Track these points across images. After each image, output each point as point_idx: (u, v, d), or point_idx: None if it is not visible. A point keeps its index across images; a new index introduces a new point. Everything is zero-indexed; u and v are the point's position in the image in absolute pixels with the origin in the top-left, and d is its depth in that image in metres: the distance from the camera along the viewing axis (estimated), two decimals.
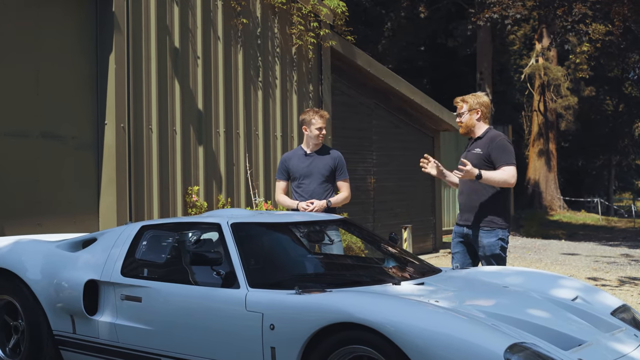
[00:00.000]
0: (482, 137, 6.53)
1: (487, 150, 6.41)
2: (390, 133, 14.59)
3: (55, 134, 8.85)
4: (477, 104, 6.56)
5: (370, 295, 4.54)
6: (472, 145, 6.59)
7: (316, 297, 4.54)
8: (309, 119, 7.36)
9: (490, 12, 20.23)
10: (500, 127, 27.21)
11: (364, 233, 6.34)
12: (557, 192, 33.08)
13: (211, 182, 10.37)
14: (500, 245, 6.43)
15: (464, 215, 6.56)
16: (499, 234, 6.42)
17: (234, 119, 10.75)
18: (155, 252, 5.59)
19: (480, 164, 6.38)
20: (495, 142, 6.41)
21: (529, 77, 33.23)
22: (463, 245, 6.62)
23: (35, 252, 5.95)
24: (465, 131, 6.63)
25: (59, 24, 8.93)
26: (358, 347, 4.31)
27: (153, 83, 9.61)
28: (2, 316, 6.03)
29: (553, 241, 20.17)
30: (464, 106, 6.59)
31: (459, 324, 4.18)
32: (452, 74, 31.31)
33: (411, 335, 4.09)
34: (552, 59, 32.43)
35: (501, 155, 6.36)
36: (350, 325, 4.30)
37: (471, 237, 6.51)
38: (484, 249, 6.42)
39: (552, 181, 32.92)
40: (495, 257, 6.42)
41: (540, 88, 32.66)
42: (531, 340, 4.25)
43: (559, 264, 14.39)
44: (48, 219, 8.70)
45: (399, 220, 14.42)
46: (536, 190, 32.73)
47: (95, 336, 5.48)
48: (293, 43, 11.71)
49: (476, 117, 6.56)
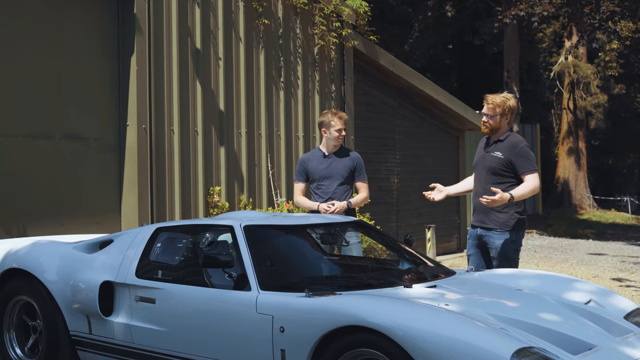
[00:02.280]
0: (503, 140, 6.52)
1: (509, 156, 6.41)
2: (414, 133, 14.56)
3: (78, 136, 8.95)
4: (508, 110, 6.56)
5: (379, 299, 4.55)
6: (492, 147, 6.56)
7: (325, 300, 4.56)
8: (328, 121, 7.36)
9: (517, 10, 20.11)
10: (528, 125, 27.11)
11: (378, 235, 6.35)
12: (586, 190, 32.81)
13: (233, 183, 10.43)
14: (513, 247, 6.42)
15: (478, 217, 6.56)
16: (511, 236, 6.41)
17: (255, 119, 10.80)
18: (169, 254, 5.65)
19: (499, 167, 6.42)
20: (517, 149, 6.42)
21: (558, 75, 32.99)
22: (477, 247, 6.62)
23: (53, 253, 6.02)
24: (490, 132, 6.61)
25: (81, 26, 9.02)
26: (366, 350, 4.33)
27: (174, 84, 9.67)
28: (20, 316, 6.12)
29: (581, 241, 20.02)
30: (497, 109, 6.54)
31: (467, 328, 4.19)
32: (480, 73, 31.16)
33: (418, 339, 4.10)
34: (582, 57, 32.17)
35: (525, 164, 6.37)
36: (359, 329, 4.32)
37: (484, 238, 6.50)
38: (497, 251, 6.42)
39: (581, 180, 32.65)
40: (508, 259, 6.41)
41: (569, 86, 32.40)
42: (540, 344, 4.25)
43: (584, 264, 14.29)
44: (71, 219, 8.80)
45: (422, 220, 14.39)
46: (565, 189, 32.48)
47: (110, 337, 5.55)
48: (315, 43, 11.73)
49: (506, 122, 6.57)
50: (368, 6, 12.62)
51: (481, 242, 6.57)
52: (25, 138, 8.46)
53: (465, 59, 31.42)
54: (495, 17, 22.02)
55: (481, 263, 6.64)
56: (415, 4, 25.35)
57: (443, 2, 23.85)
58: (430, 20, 24.01)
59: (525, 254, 16.02)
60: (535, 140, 27.37)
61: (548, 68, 34.86)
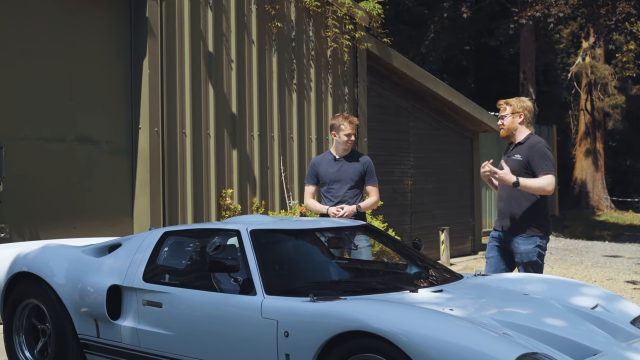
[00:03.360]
0: (523, 143, 6.47)
1: (527, 157, 6.37)
2: (429, 135, 14.54)
3: (90, 139, 9.00)
4: (520, 108, 6.51)
5: (383, 304, 4.55)
6: (513, 150, 6.53)
7: (330, 305, 4.56)
8: (338, 125, 7.35)
9: (532, 11, 20.04)
10: (544, 127, 26.96)
11: (386, 239, 6.34)
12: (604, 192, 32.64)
13: (245, 185, 10.45)
14: (538, 252, 6.38)
15: (502, 221, 6.52)
16: (536, 241, 6.37)
17: (268, 122, 10.82)
18: (176, 258, 5.66)
19: (520, 170, 6.35)
20: (535, 149, 6.36)
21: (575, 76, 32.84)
22: (498, 251, 6.58)
23: (61, 257, 6.05)
24: (507, 134, 6.56)
25: (93, 29, 9.07)
26: (371, 355, 4.33)
27: (187, 87, 9.71)
28: (30, 319, 6.15)
29: (597, 242, 19.91)
30: (507, 108, 6.52)
31: (469, 333, 4.18)
32: (497, 74, 31.05)
33: (421, 344, 4.09)
34: (600, 58, 32.00)
35: (541, 163, 6.31)
36: (363, 334, 4.32)
37: (508, 243, 6.47)
38: (521, 256, 6.38)
39: (599, 181, 32.48)
40: (533, 264, 6.37)
41: (587, 87, 32.23)
42: (544, 350, 4.23)
43: (599, 266, 14.22)
44: (83, 222, 8.86)
45: (437, 222, 14.37)
46: (583, 190, 32.32)
47: (118, 340, 5.57)
48: (328, 46, 11.74)
49: (519, 121, 6.50)
50: (381, 8, 12.62)
51: (504, 246, 6.53)
52: (38, 141, 8.52)
53: (481, 60, 31.33)
54: (511, 18, 21.94)
55: (500, 267, 6.58)
56: (431, 6, 25.30)
57: (459, 3, 23.80)
58: (446, 21, 23.96)
59: None
60: (552, 141, 27.24)
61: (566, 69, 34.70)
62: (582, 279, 12.26)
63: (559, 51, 35.09)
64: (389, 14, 24.58)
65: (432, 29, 24.21)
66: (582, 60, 31.33)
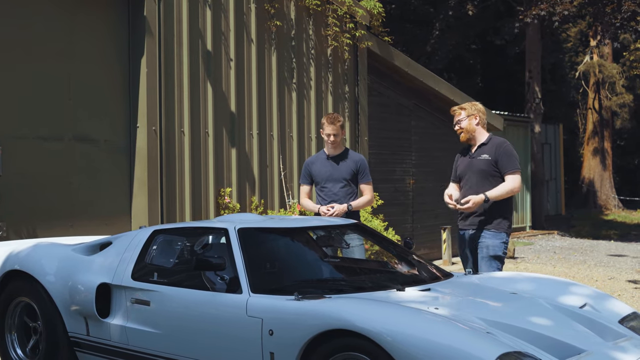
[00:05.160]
0: (487, 143, 6.71)
1: (495, 156, 6.60)
2: (431, 134, 14.51)
3: (88, 137, 9.02)
4: (475, 110, 6.77)
5: (367, 302, 4.55)
6: (478, 151, 6.74)
7: (314, 304, 4.56)
8: (322, 124, 7.50)
9: (537, 10, 19.98)
10: (551, 126, 26.90)
11: (376, 238, 6.35)
12: (612, 191, 32.53)
13: (244, 184, 10.46)
14: (503, 248, 6.59)
15: (469, 219, 6.69)
16: (503, 237, 6.59)
17: (267, 120, 10.82)
18: (165, 256, 5.69)
19: (489, 169, 6.61)
20: (501, 148, 6.62)
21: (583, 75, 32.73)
22: (469, 250, 6.74)
23: (52, 255, 6.08)
24: (467, 137, 6.82)
25: (91, 28, 9.08)
26: (353, 353, 4.33)
27: (185, 86, 9.72)
28: (22, 317, 6.18)
29: (602, 242, 19.85)
30: (462, 113, 6.80)
31: (451, 331, 4.18)
32: (504, 73, 30.99)
33: (403, 343, 4.10)
34: (607, 56, 31.89)
35: (507, 162, 6.57)
36: (346, 332, 4.32)
37: (476, 239, 6.63)
38: (488, 250, 6.56)
39: (607, 180, 32.37)
40: (498, 258, 6.56)
41: (595, 86, 32.13)
42: (527, 349, 4.22)
43: (602, 265, 14.18)
44: (81, 221, 8.87)
45: (439, 222, 14.34)
46: (591, 189, 32.22)
47: (107, 338, 5.59)
48: (328, 44, 11.73)
49: (475, 122, 6.74)
50: (382, 7, 12.60)
51: (472, 244, 6.68)
52: (36, 140, 8.54)
53: (488, 59, 31.27)
54: (517, 16, 21.88)
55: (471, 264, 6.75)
56: (437, 4, 25.26)
57: (464, 2, 23.75)
58: (451, 19, 23.92)
59: (544, 255, 15.94)
60: (558, 140, 27.18)
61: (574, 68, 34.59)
62: (584, 278, 12.23)
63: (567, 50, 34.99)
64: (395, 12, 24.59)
65: (437, 27, 24.17)
66: (590, 59, 31.24)
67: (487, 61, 31.52)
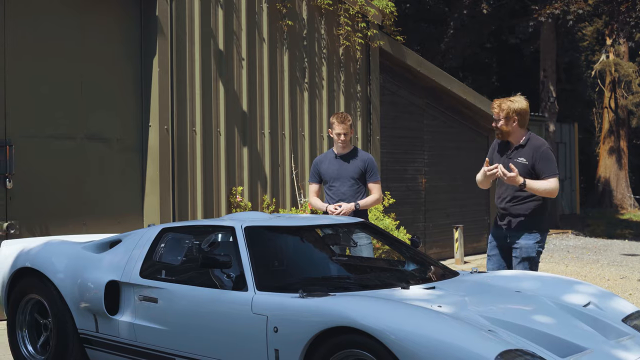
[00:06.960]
0: (525, 145, 6.48)
1: (532, 160, 6.41)
2: (443, 133, 14.52)
3: (100, 136, 9.10)
4: (513, 112, 6.46)
5: (370, 300, 4.58)
6: (515, 153, 6.52)
7: (318, 301, 4.61)
8: (331, 123, 7.52)
9: (551, 8, 19.94)
10: (566, 125, 26.83)
11: (383, 236, 6.38)
12: (628, 190, 32.40)
13: (256, 183, 10.51)
14: (537, 249, 6.45)
15: (505, 219, 6.55)
16: (537, 238, 6.44)
17: (279, 120, 10.87)
18: (173, 254, 5.75)
19: (526, 173, 6.40)
20: (539, 152, 6.41)
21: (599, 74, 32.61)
22: (499, 249, 6.64)
23: (63, 253, 6.15)
24: (502, 138, 6.59)
25: (103, 28, 9.17)
26: (357, 350, 4.37)
27: (197, 85, 9.79)
28: (33, 314, 6.26)
29: (616, 241, 19.78)
30: (500, 113, 6.50)
31: (453, 329, 4.21)
32: (519, 72, 30.92)
33: (404, 340, 4.13)
34: (624, 55, 31.75)
35: (545, 167, 6.37)
36: (350, 329, 4.36)
37: (510, 239, 6.51)
38: (521, 250, 6.42)
39: (623, 179, 32.24)
40: (530, 260, 6.42)
41: (611, 84, 32.01)
42: (528, 347, 4.25)
43: (615, 264, 14.15)
44: (93, 219, 8.96)
45: (451, 220, 14.35)
46: (606, 188, 32.10)
47: (116, 335, 5.65)
48: (340, 44, 11.77)
49: (513, 125, 6.48)
50: (394, 6, 12.62)
51: (505, 244, 6.57)
52: (48, 139, 8.63)
53: (503, 57, 31.21)
54: (531, 15, 21.84)
55: (502, 264, 6.64)
56: (451, 3, 25.23)
57: (479, 0, 23.72)
58: (466, 18, 23.90)
59: (557, 255, 15.91)
60: (574, 139, 27.09)
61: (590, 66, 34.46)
62: (596, 277, 12.21)
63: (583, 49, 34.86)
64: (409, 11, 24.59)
65: (451, 25, 24.15)
66: (606, 57, 31.12)
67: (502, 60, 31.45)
